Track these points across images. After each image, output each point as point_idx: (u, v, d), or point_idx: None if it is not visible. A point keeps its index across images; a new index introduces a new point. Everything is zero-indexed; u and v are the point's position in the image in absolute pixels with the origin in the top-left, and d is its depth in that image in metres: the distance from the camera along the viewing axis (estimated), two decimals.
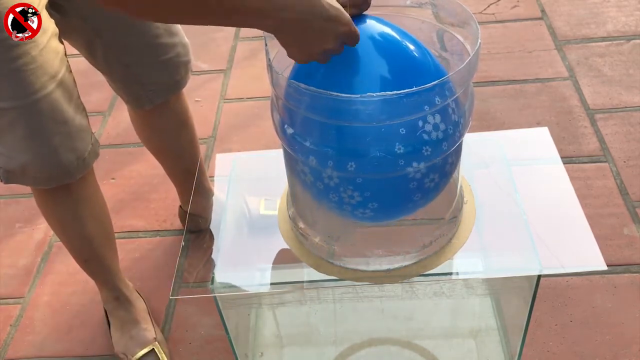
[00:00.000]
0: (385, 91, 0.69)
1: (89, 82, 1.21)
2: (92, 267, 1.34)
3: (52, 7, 1.07)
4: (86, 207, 1.22)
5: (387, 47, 0.75)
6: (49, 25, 1.02)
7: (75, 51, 1.20)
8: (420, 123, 0.72)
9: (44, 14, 1.01)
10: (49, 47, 1.01)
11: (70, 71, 1.08)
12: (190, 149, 1.44)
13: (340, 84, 0.72)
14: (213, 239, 0.98)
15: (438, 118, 0.73)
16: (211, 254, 0.96)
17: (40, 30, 0.99)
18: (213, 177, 1.56)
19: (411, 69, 0.74)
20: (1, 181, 1.11)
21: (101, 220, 1.27)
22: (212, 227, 1.43)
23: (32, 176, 1.09)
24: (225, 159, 1.29)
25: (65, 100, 1.05)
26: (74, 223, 1.23)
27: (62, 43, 1.06)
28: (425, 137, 0.73)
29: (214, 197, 1.54)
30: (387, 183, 0.76)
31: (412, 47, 0.76)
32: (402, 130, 0.71)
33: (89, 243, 1.27)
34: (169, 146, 1.44)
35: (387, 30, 0.76)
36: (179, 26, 1.25)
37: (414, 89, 0.68)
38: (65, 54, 1.07)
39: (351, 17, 0.72)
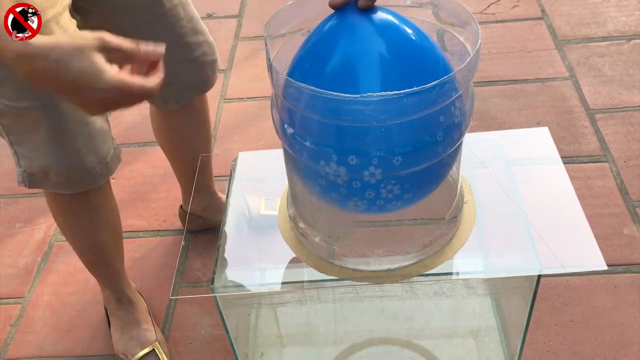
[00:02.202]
0: (389, 88, 0.68)
1: None
2: (99, 271, 1.34)
3: (74, 9, 1.06)
4: (101, 215, 1.22)
5: (392, 40, 0.74)
6: (70, 26, 1.01)
7: None
8: (423, 122, 0.72)
9: (66, 15, 1.01)
10: None
11: None
12: (205, 151, 1.45)
13: (342, 83, 0.72)
14: (213, 238, 0.98)
15: (439, 120, 0.73)
16: (211, 253, 0.96)
17: (61, 31, 0.98)
18: (216, 176, 1.56)
19: (416, 64, 0.73)
20: (25, 185, 1.10)
21: (113, 227, 1.27)
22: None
23: (53, 180, 1.08)
24: (225, 159, 1.29)
25: None
26: (87, 230, 1.23)
27: None
28: (427, 138, 0.73)
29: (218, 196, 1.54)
30: (387, 182, 0.76)
31: (417, 39, 0.75)
32: (402, 130, 0.71)
33: (99, 249, 1.27)
34: (186, 147, 1.44)
35: (395, 21, 0.75)
36: (204, 25, 1.24)
37: (415, 89, 0.68)
38: None
39: (363, 7, 0.70)
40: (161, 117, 1.37)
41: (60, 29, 0.99)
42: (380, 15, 0.74)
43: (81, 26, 1.09)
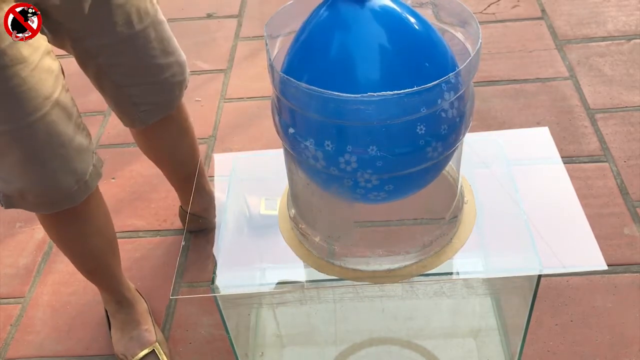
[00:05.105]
0: (390, 81, 0.68)
1: (89, 82, 1.20)
2: (96, 278, 1.34)
3: (44, 27, 1.03)
4: (91, 224, 1.20)
5: (395, 28, 0.72)
6: (41, 43, 0.98)
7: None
8: (423, 121, 0.72)
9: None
10: (41, 66, 0.96)
11: (68, 90, 1.04)
12: (191, 155, 1.43)
13: (337, 73, 0.72)
14: (213, 238, 0.98)
15: (440, 118, 0.73)
16: (211, 253, 0.96)
17: (31, 49, 0.95)
18: (212, 177, 1.56)
19: (420, 56, 0.72)
20: (1, 205, 1.08)
21: (105, 233, 1.25)
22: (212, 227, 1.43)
23: (31, 201, 1.07)
24: (224, 159, 1.29)
25: (63, 120, 1.01)
26: (79, 240, 1.22)
27: (56, 60, 1.02)
28: (428, 138, 0.73)
29: (215, 197, 1.54)
30: (388, 181, 0.76)
31: (418, 25, 0.73)
32: (405, 129, 0.71)
33: (93, 257, 1.27)
34: (170, 156, 1.42)
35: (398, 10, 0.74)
36: (176, 44, 1.22)
37: (415, 88, 0.68)
38: (62, 71, 1.03)
39: None
40: (137, 131, 1.33)
41: (30, 48, 0.95)
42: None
43: (52, 43, 1.06)
